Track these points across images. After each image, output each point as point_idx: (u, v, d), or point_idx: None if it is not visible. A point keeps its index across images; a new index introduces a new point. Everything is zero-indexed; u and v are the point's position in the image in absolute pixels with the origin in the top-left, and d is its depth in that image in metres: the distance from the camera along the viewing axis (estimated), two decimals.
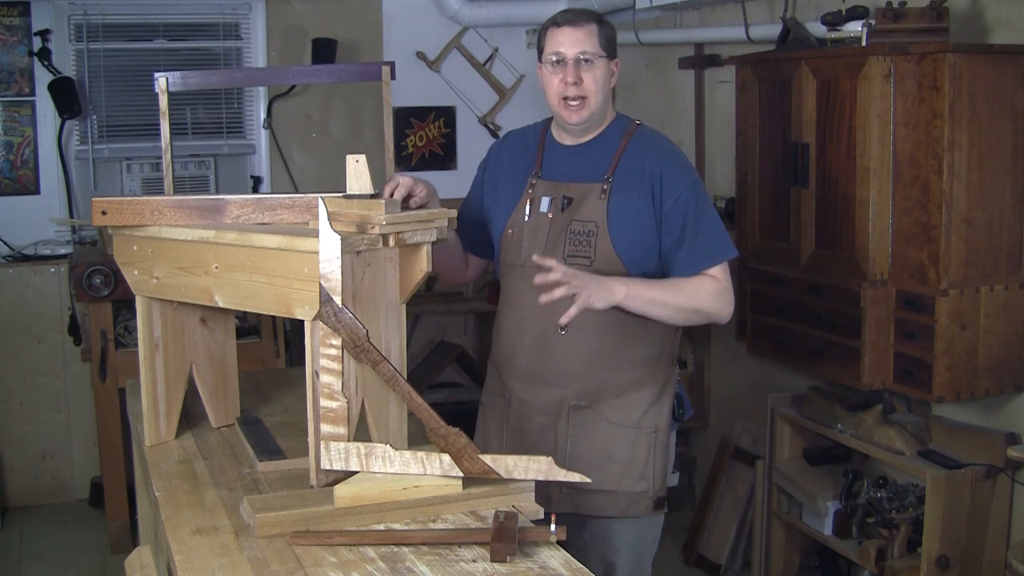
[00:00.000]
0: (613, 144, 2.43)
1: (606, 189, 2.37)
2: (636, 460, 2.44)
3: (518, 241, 2.45)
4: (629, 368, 2.43)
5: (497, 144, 2.65)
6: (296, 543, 1.81)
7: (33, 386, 4.95)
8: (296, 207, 2.20)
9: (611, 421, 2.43)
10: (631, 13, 4.72)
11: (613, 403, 2.43)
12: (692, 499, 4.72)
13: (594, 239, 2.36)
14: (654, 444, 2.46)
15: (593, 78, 2.35)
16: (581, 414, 2.43)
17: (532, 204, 2.44)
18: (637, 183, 2.37)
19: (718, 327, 4.58)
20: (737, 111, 3.68)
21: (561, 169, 2.45)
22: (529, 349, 2.44)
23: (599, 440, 2.43)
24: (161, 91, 2.64)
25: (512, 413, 2.51)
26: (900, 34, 3.03)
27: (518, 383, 2.48)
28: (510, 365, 2.49)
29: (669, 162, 2.39)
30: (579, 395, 2.42)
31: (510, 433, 2.51)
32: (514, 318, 2.47)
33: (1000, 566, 3.12)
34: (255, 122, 5.42)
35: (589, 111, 2.38)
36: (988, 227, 2.98)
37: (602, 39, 2.37)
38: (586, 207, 2.38)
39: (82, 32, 5.06)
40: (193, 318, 2.40)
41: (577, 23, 2.36)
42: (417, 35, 5.49)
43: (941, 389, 2.97)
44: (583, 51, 2.34)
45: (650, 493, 2.46)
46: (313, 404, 1.97)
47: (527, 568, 1.71)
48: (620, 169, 2.39)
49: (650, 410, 2.45)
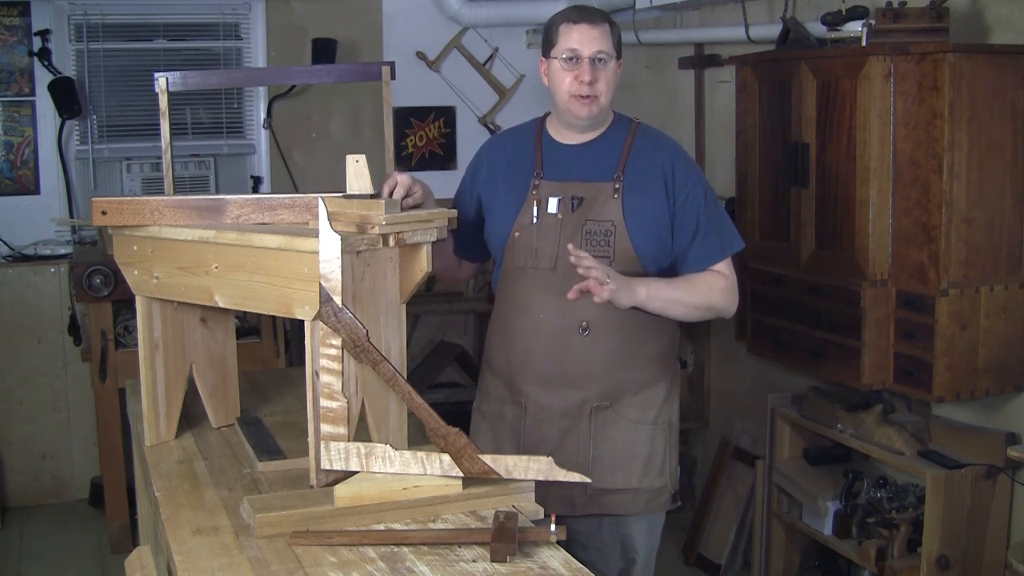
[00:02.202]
0: (618, 142, 2.43)
1: (618, 188, 2.37)
2: (655, 456, 2.46)
3: (528, 243, 2.41)
4: (645, 365, 2.44)
5: (487, 147, 2.61)
6: (296, 543, 1.81)
7: (33, 386, 4.95)
8: (296, 207, 2.20)
9: (631, 419, 2.43)
10: (631, 13, 4.72)
11: (632, 401, 2.43)
12: (692, 499, 4.72)
13: (612, 239, 2.35)
14: (669, 439, 2.49)
15: (606, 78, 2.36)
16: (603, 414, 2.41)
17: (539, 205, 2.40)
18: (649, 180, 2.38)
19: (718, 327, 4.61)
20: (737, 111, 3.68)
21: (565, 168, 2.43)
22: (546, 352, 2.40)
23: (620, 439, 2.43)
24: (161, 91, 2.64)
25: (529, 419, 2.45)
26: (900, 34, 3.03)
27: (535, 388, 2.43)
28: (524, 370, 2.43)
29: (679, 159, 2.42)
30: (601, 395, 2.41)
31: (525, 439, 2.45)
32: (527, 321, 2.42)
33: (1000, 566, 3.12)
34: (255, 122, 5.42)
35: (599, 108, 2.37)
36: (988, 227, 2.98)
37: (614, 39, 2.39)
38: (599, 206, 2.37)
39: (82, 32, 5.06)
40: (193, 318, 2.40)
41: (594, 21, 2.35)
42: (417, 35, 5.49)
43: (941, 389, 2.97)
44: (599, 50, 2.34)
45: (668, 488, 2.49)
46: (313, 404, 1.97)
47: (527, 568, 1.71)
48: (630, 167, 2.39)
49: (664, 405, 2.48)
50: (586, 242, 2.35)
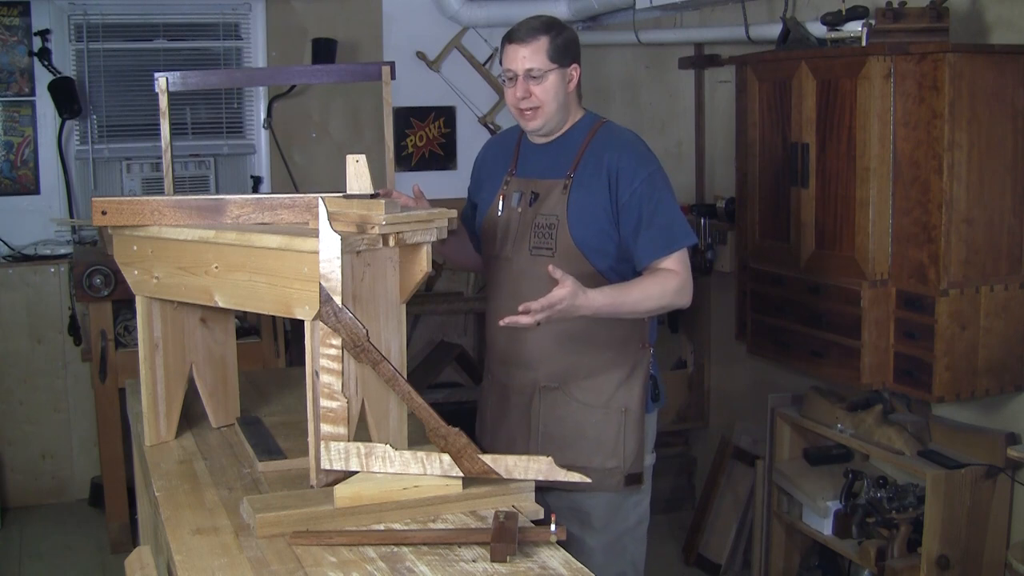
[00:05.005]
0: (577, 142, 2.56)
1: (567, 185, 2.51)
2: (606, 438, 2.55)
3: (492, 234, 2.61)
4: (597, 351, 2.54)
5: (483, 148, 2.82)
6: (296, 543, 1.81)
7: (33, 386, 4.95)
8: (296, 207, 2.20)
9: (580, 401, 2.55)
10: (631, 13, 4.71)
11: (582, 384, 2.55)
12: (692, 499, 4.72)
13: (555, 231, 2.50)
14: (624, 424, 2.56)
15: (543, 89, 2.48)
16: (552, 395, 2.56)
17: (505, 200, 2.60)
18: (595, 178, 2.49)
19: (718, 327, 4.61)
20: (737, 111, 3.68)
21: (532, 167, 2.60)
22: (503, 334, 2.57)
23: (569, 419, 2.56)
24: (161, 91, 2.64)
25: (494, 395, 2.69)
26: (900, 34, 3.03)
27: (497, 366, 2.66)
28: (491, 350, 2.69)
29: (627, 156, 2.50)
30: (549, 377, 2.56)
31: (492, 413, 2.69)
32: (492, 306, 2.64)
33: (1000, 566, 3.12)
34: (255, 122, 5.42)
35: (544, 118, 2.51)
36: (988, 227, 2.98)
37: (552, 51, 2.48)
38: (549, 202, 2.52)
39: (82, 32, 5.05)
40: (193, 318, 2.40)
41: (525, 40, 2.49)
42: (417, 35, 5.48)
43: (941, 389, 2.97)
44: (529, 68, 2.48)
45: (621, 469, 2.56)
46: (313, 404, 1.97)
47: (527, 568, 1.71)
48: (581, 165, 2.52)
49: (619, 390, 2.56)
50: (535, 234, 2.52)
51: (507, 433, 2.61)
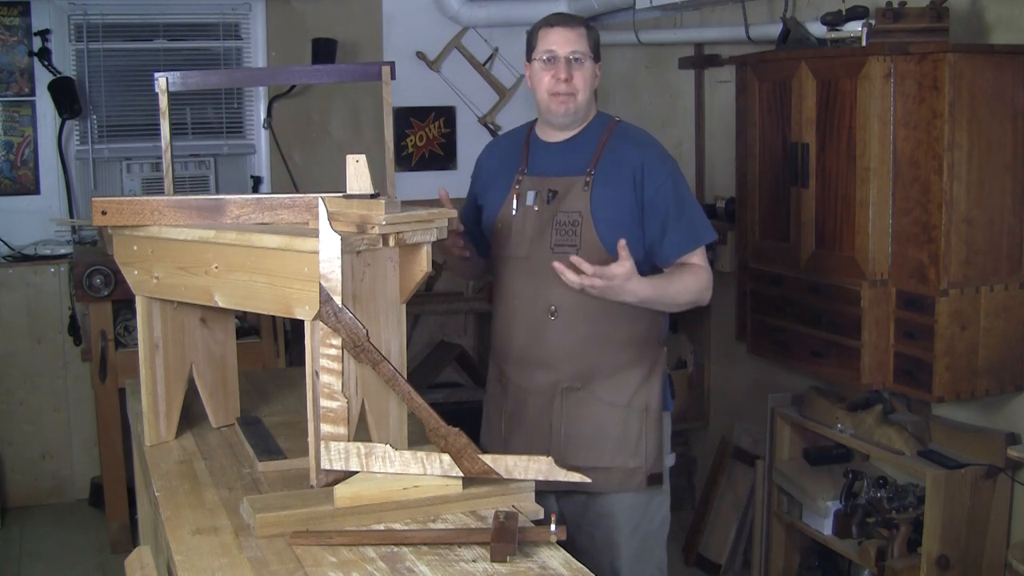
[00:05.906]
0: (594, 140, 2.55)
1: (588, 181, 2.49)
2: (628, 438, 2.54)
3: (507, 234, 2.57)
4: (618, 349, 2.53)
5: (484, 151, 2.80)
6: (296, 543, 1.81)
7: (33, 386, 4.95)
8: (296, 207, 2.20)
9: (603, 401, 2.53)
10: (631, 13, 4.72)
11: (604, 383, 2.53)
12: (692, 499, 4.72)
13: (579, 228, 2.48)
14: (645, 422, 2.56)
15: (582, 76, 2.50)
16: (575, 395, 2.53)
17: (519, 199, 2.56)
18: (619, 174, 2.49)
19: (718, 327, 4.61)
20: (737, 111, 3.68)
21: (546, 165, 2.58)
22: (522, 335, 2.55)
23: (592, 419, 2.53)
24: (161, 91, 2.64)
25: (509, 398, 2.62)
26: (900, 34, 3.03)
27: (513, 368, 2.60)
28: (505, 352, 2.62)
29: (650, 153, 2.52)
30: (572, 377, 2.52)
31: (508, 418, 2.62)
32: (506, 307, 2.59)
33: (1000, 566, 3.12)
34: (255, 122, 5.42)
35: (576, 105, 2.51)
36: (988, 227, 2.98)
37: (590, 41, 2.53)
38: (570, 199, 2.50)
39: (82, 32, 5.06)
40: (193, 318, 2.40)
41: (569, 24, 2.52)
42: (417, 35, 5.49)
43: (941, 389, 2.97)
44: (574, 50, 2.49)
45: (643, 469, 2.55)
46: (313, 404, 1.97)
47: (527, 568, 1.71)
48: (602, 162, 2.52)
49: (640, 389, 2.55)
50: (556, 232, 2.49)
51: (524, 436, 2.57)
